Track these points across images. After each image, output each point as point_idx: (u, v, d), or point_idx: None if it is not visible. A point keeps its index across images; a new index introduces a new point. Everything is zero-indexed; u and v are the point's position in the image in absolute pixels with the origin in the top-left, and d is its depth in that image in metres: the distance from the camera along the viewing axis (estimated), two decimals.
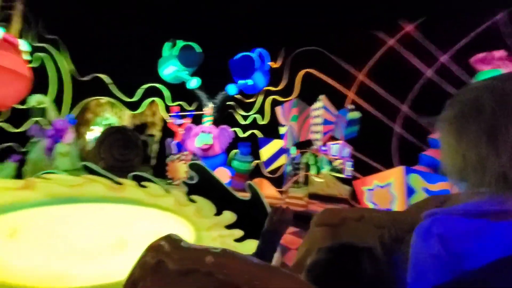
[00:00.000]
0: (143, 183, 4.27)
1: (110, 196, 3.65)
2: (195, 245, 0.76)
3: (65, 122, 8.70)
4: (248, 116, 9.80)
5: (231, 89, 8.95)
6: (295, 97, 8.57)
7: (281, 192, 7.59)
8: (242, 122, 9.96)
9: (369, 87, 7.99)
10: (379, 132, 7.67)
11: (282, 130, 7.63)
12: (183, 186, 4.30)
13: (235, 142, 8.87)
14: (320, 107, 7.54)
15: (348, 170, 7.39)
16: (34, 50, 8.35)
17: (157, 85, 10.23)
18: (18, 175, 7.21)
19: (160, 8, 9.73)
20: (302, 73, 8.93)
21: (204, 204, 3.93)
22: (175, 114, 8.82)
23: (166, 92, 10.33)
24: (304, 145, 7.79)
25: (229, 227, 3.52)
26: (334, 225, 1.14)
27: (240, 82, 8.92)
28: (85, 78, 9.94)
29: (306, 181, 7.73)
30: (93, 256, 2.47)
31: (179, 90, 9.85)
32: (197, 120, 9.34)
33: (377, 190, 4.78)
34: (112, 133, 8.81)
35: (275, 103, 8.72)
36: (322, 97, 7.63)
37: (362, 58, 8.10)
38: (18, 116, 8.18)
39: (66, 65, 9.61)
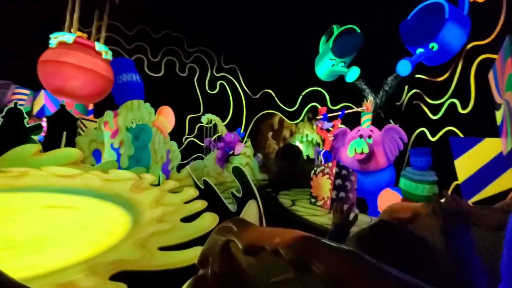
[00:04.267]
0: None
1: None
2: (263, 227, 0.78)
3: (235, 136, 9.55)
4: (439, 105, 6.04)
5: (403, 67, 5.95)
6: None
7: None
8: (432, 116, 6.32)
9: None
10: None
11: (498, 118, 3.70)
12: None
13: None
14: None
15: None
16: (216, 78, 10.13)
17: (316, 88, 9.02)
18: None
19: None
20: None
21: None
22: (323, 116, 7.05)
23: (327, 94, 8.86)
24: None
25: None
26: (404, 220, 1.11)
27: (419, 51, 5.74)
28: (257, 96, 10.66)
29: None
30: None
31: (342, 89, 8.08)
32: (355, 121, 7.02)
33: None
34: (286, 148, 8.71)
35: (485, 69, 4.66)
36: None
37: None
38: (201, 132, 9.92)
39: (240, 88, 10.82)
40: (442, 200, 1.07)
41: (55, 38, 4.40)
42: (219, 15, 8.50)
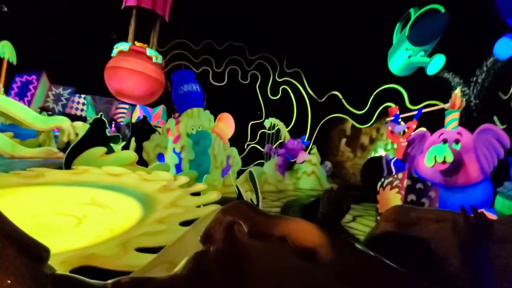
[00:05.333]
0: None
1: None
2: (271, 212, 0.79)
3: (298, 143, 9.09)
4: None
5: (504, 47, 4.47)
6: None
7: None
8: None
9: None
10: None
11: None
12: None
13: None
14: None
15: None
16: (279, 84, 9.91)
17: (391, 85, 7.76)
18: None
19: None
20: None
21: None
22: (394, 117, 5.86)
23: (404, 92, 7.50)
24: None
25: None
26: (405, 223, 1.04)
27: None
28: (322, 100, 9.96)
29: None
30: None
31: (423, 84, 6.72)
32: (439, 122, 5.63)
33: None
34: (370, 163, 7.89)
35: None
36: None
37: None
38: (263, 138, 9.80)
39: (304, 92, 10.30)
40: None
41: (115, 48, 5.15)
42: (279, 19, 8.36)
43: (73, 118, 9.67)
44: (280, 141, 9.13)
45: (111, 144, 5.48)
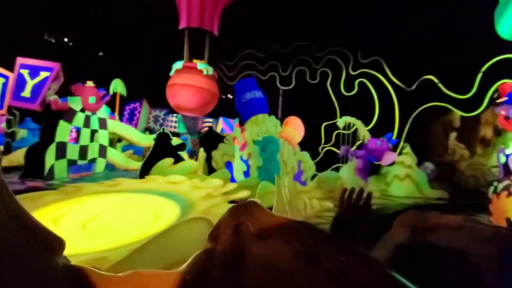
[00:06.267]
0: None
1: None
2: (279, 215, 0.80)
3: (382, 143, 7.85)
4: None
5: None
6: None
7: None
8: None
9: None
10: None
11: None
12: None
13: None
14: None
15: None
16: (354, 77, 8.79)
17: (506, 56, 5.78)
18: None
19: None
20: None
21: None
22: (507, 97, 4.17)
23: None
24: None
25: None
26: (421, 230, 0.97)
27: None
28: (412, 88, 8.35)
29: None
30: None
31: None
32: None
33: None
34: None
35: None
36: None
37: None
38: (339, 140, 8.86)
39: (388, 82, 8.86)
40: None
41: (173, 68, 5.73)
42: (345, 7, 7.55)
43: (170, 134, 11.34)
44: (359, 142, 8.09)
45: (179, 152, 6.08)
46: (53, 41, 9.31)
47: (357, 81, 9.16)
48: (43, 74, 6.62)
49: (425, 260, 0.79)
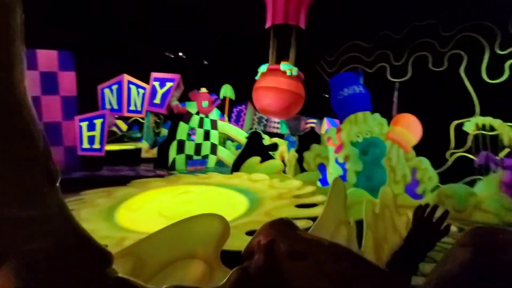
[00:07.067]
0: None
1: None
2: (309, 233, 0.82)
3: None
4: None
5: None
6: None
7: None
8: None
9: None
10: None
11: None
12: None
13: None
14: None
15: None
16: (503, 58, 6.18)
17: None
18: None
19: None
20: None
21: None
22: None
23: None
24: None
25: None
26: (489, 249, 0.80)
27: None
28: None
29: None
30: None
31: None
32: None
33: None
34: None
35: None
36: None
37: None
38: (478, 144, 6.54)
39: None
40: None
41: (258, 71, 5.62)
42: None
43: (272, 135, 11.70)
44: (507, 150, 5.79)
45: (270, 152, 6.04)
46: (172, 56, 11.41)
47: (509, 63, 6.51)
48: (168, 84, 8.09)
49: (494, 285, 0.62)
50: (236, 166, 5.67)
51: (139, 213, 3.20)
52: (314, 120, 13.52)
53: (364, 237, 2.50)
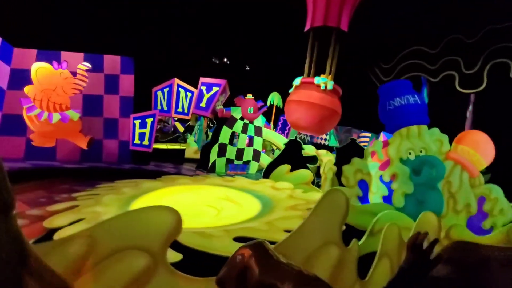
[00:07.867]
0: None
1: None
2: (284, 260, 0.79)
3: None
4: None
5: None
6: None
7: None
8: None
9: None
10: None
11: None
12: None
13: None
14: None
15: None
16: None
17: None
18: None
19: None
20: None
21: None
22: None
23: None
24: None
25: None
26: (468, 267, 0.82)
27: None
28: None
29: None
30: None
31: None
32: None
33: None
34: None
35: None
36: None
37: None
38: None
39: None
40: None
41: (293, 84, 5.25)
42: None
43: (319, 146, 11.16)
44: None
45: (308, 165, 5.66)
46: (217, 62, 11.80)
47: None
48: (214, 89, 8.36)
49: None
50: (267, 173, 5.48)
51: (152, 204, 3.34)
52: (369, 134, 12.36)
53: (375, 264, 2.06)
